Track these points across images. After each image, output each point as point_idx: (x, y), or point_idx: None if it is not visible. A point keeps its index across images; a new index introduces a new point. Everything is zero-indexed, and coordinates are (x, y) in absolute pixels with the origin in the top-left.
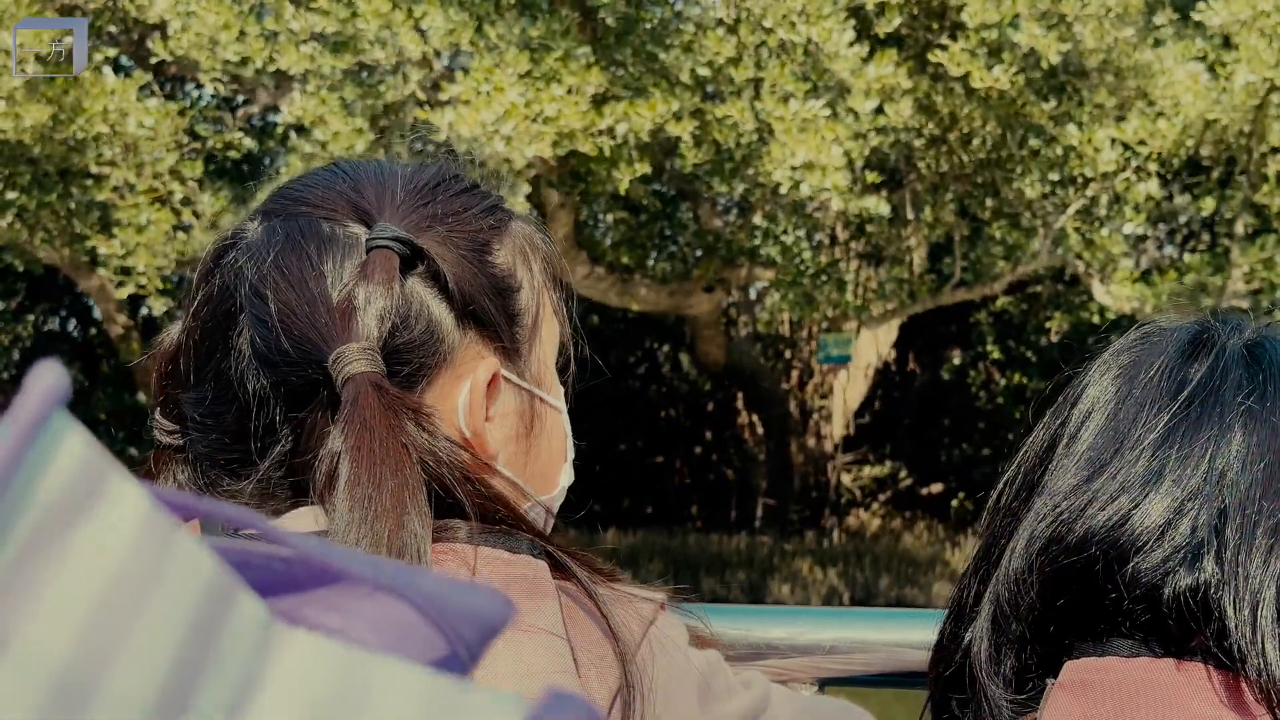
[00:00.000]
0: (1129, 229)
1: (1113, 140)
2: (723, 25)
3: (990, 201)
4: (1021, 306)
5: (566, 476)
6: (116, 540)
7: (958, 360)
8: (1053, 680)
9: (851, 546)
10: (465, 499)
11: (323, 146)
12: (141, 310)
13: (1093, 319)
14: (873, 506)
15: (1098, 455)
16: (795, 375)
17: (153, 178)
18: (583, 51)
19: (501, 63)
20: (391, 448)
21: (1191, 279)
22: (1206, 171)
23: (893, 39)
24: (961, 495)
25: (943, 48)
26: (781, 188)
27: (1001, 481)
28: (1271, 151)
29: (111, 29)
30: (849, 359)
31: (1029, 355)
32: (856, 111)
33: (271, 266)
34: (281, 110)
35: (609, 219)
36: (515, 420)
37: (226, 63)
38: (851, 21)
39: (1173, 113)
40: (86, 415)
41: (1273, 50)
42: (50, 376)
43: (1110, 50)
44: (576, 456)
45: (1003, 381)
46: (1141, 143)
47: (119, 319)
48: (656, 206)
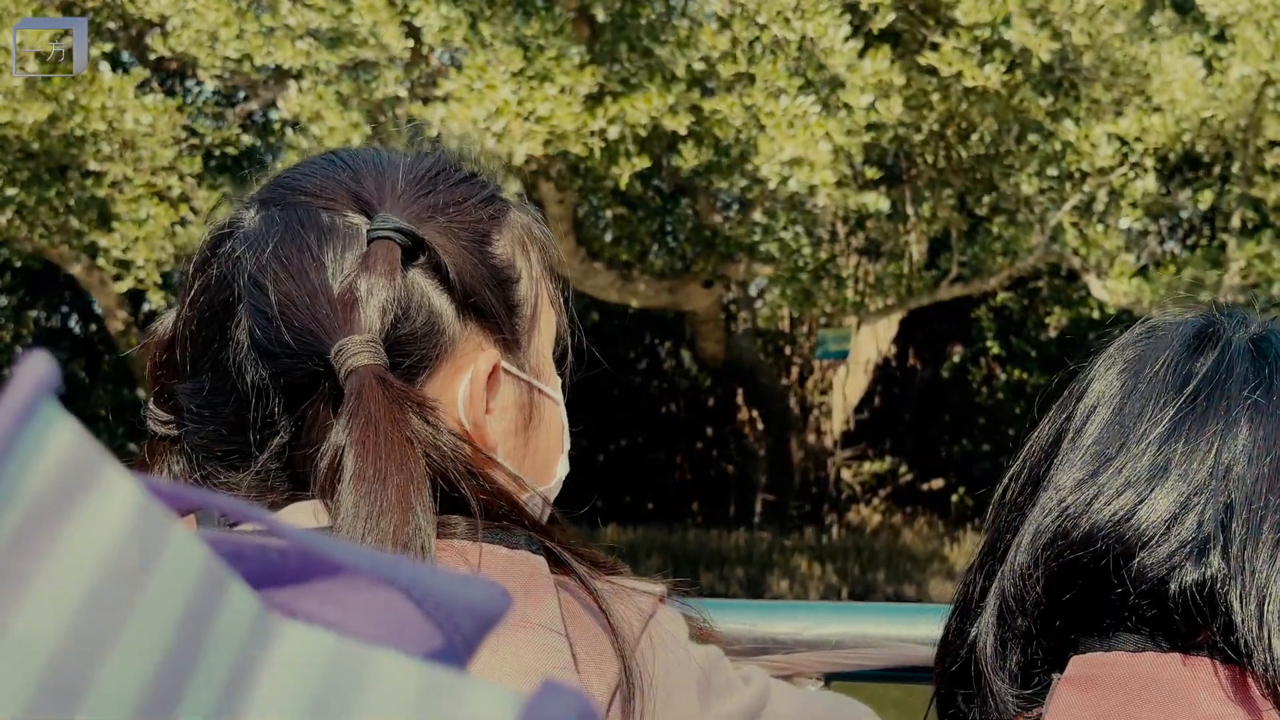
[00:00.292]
0: (1125, 224)
1: (1109, 135)
2: (717, 20)
3: (987, 197)
4: (1022, 302)
5: (563, 468)
6: (108, 531)
7: (958, 356)
8: (1058, 675)
9: (850, 542)
10: (469, 493)
11: (319, 142)
12: (142, 306)
13: (1092, 314)
14: (873, 502)
15: (1103, 450)
16: (795, 371)
17: (151, 174)
18: (576, 51)
19: (495, 60)
20: (396, 442)
21: (1188, 274)
22: (1204, 166)
23: (888, 35)
24: (961, 491)
25: (935, 47)
26: (770, 183)
27: (1007, 476)
28: (1268, 145)
29: (110, 25)
30: (847, 354)
31: (1029, 351)
32: (851, 107)
33: (271, 257)
34: (279, 106)
35: (608, 215)
36: (515, 412)
37: (226, 59)
38: (847, 17)
39: (1169, 108)
40: (87, 411)
41: (1269, 43)
42: (40, 366)
43: (1103, 47)
44: (576, 452)
45: (1003, 377)
46: (1138, 138)
47: (119, 314)
48: (657, 203)
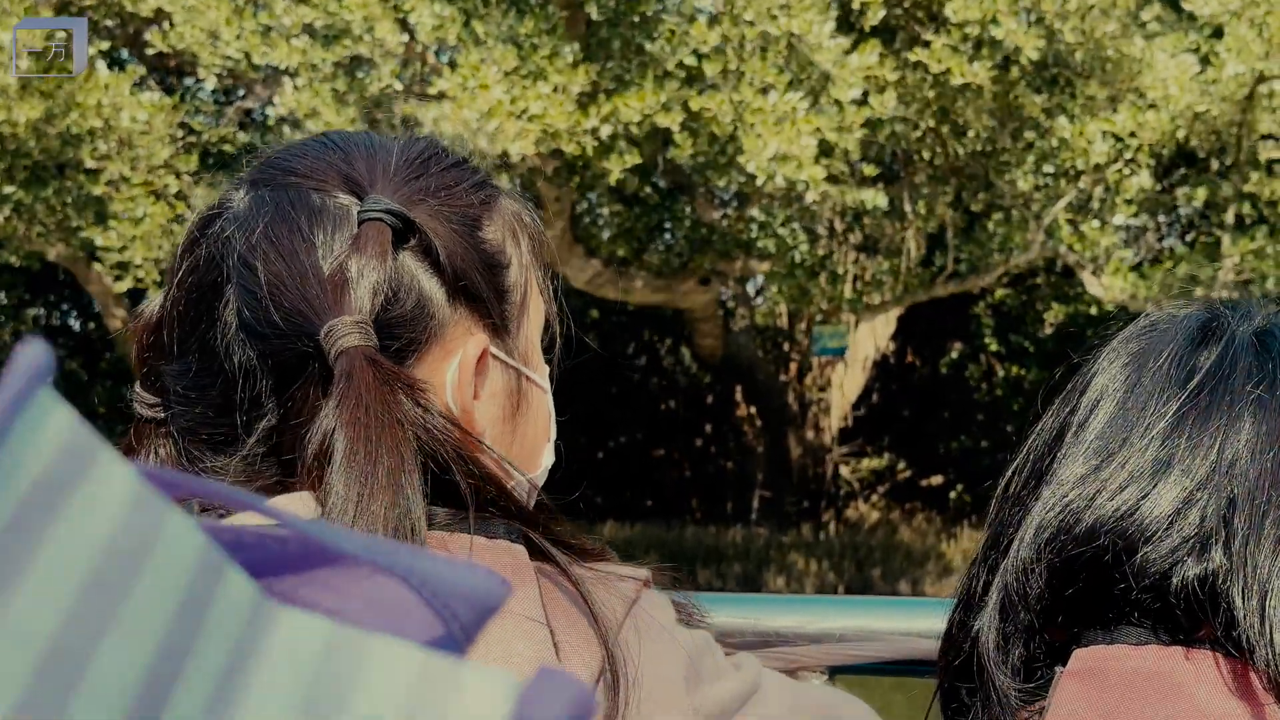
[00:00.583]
0: (1120, 220)
1: (1104, 132)
2: (706, 15)
3: (983, 194)
4: (1021, 298)
5: (549, 457)
6: (104, 517)
7: (956, 352)
8: (1061, 668)
9: (847, 539)
10: (458, 477)
11: None
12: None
13: (1090, 310)
14: (871, 499)
15: (1106, 444)
16: (793, 368)
17: (147, 171)
18: (569, 49)
19: (488, 59)
20: (387, 423)
21: (1182, 270)
22: (1199, 163)
23: (882, 31)
24: (960, 488)
25: (925, 44)
26: (758, 179)
27: (1010, 470)
28: (1262, 139)
29: (108, 23)
30: (844, 351)
31: (1027, 347)
32: (840, 103)
33: (261, 237)
34: (275, 104)
35: (605, 212)
36: (502, 399)
37: (226, 57)
38: (833, 12)
39: (1163, 104)
40: (86, 409)
41: (1261, 41)
42: (36, 354)
43: (1095, 44)
44: (575, 448)
45: (1001, 373)
46: (1132, 134)
47: (118, 313)
48: (655, 200)
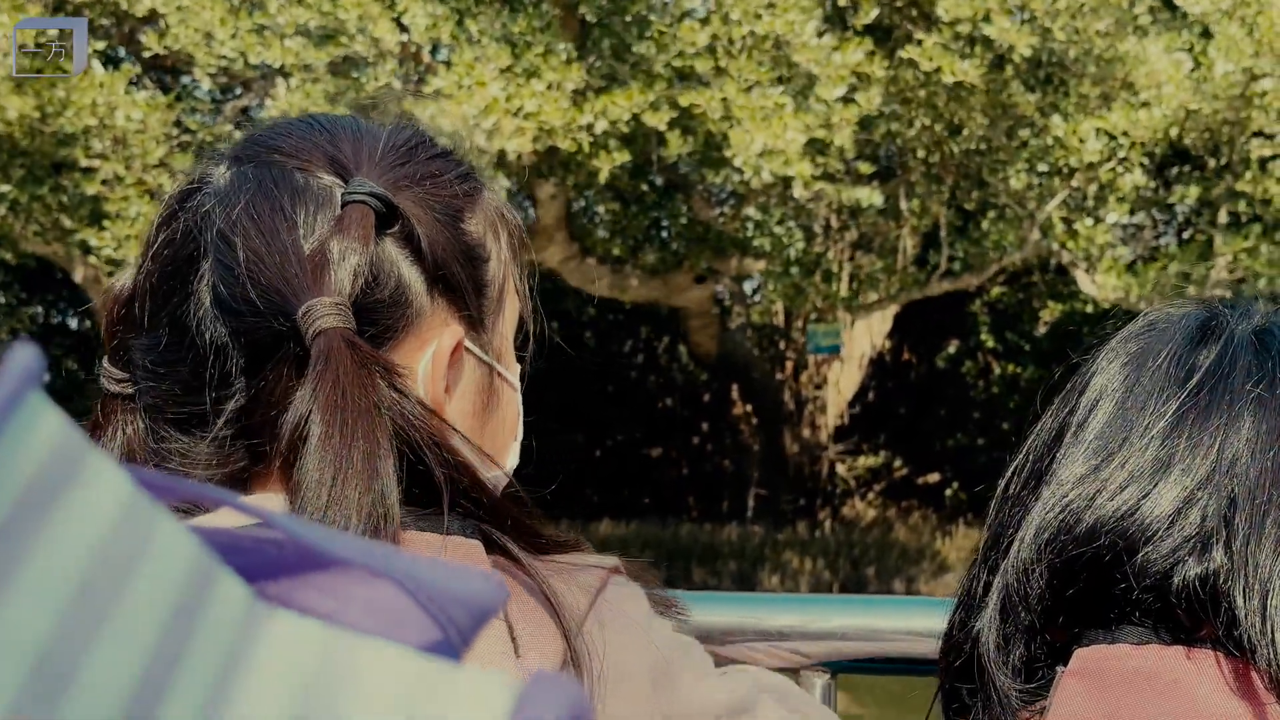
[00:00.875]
0: (1113, 218)
1: (1097, 130)
2: (693, 17)
3: (977, 193)
4: (1017, 296)
5: (514, 457)
6: (96, 521)
7: (953, 350)
8: (1062, 668)
9: (842, 537)
10: (434, 465)
11: None
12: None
13: (1086, 308)
14: (868, 497)
15: (1106, 444)
16: (789, 366)
17: (142, 170)
18: (563, 47)
19: (483, 57)
20: (364, 407)
21: (1175, 269)
22: (1193, 160)
23: (876, 29)
24: (956, 485)
25: (917, 42)
26: (745, 174)
27: (1009, 470)
28: (1254, 136)
29: (104, 22)
30: (839, 349)
31: (1023, 345)
32: (826, 101)
33: (241, 213)
34: (267, 105)
35: (601, 210)
36: (473, 393)
37: (222, 58)
38: (818, 12)
39: (1156, 102)
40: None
41: (1251, 40)
42: (26, 358)
43: (1087, 42)
44: (572, 446)
45: (998, 371)
46: (1125, 132)
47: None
48: (652, 198)
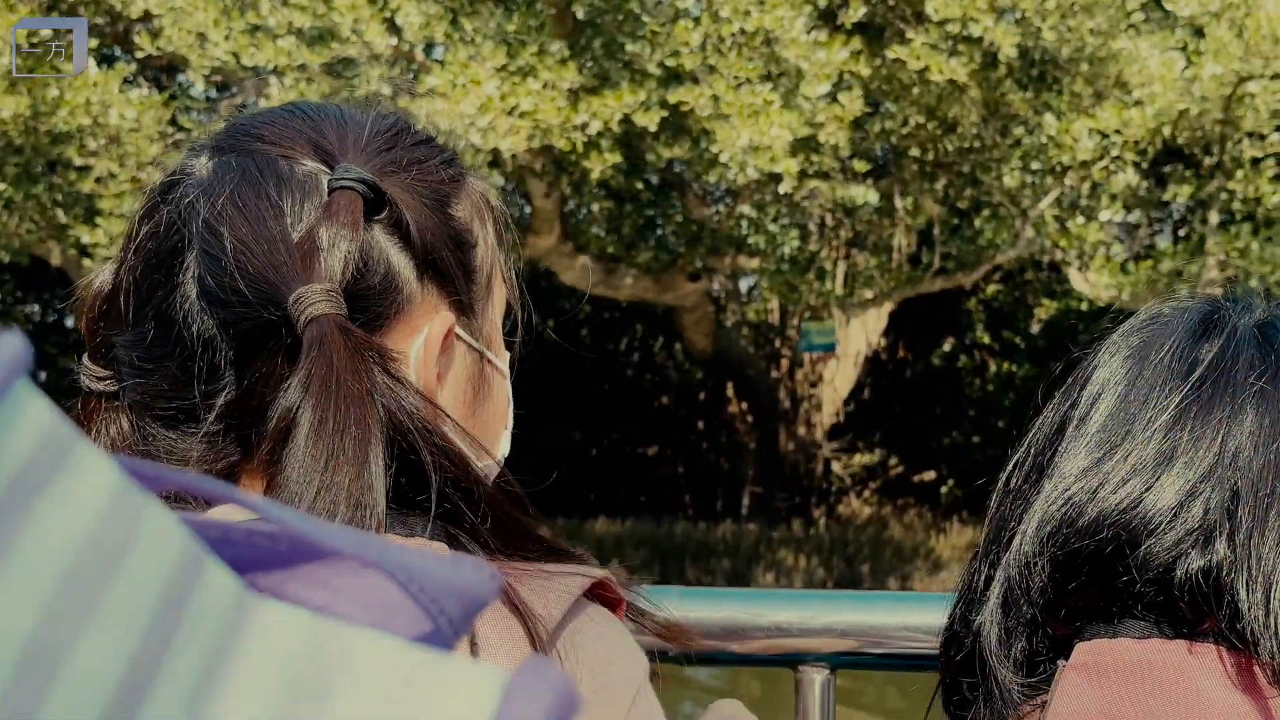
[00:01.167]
0: (1105, 216)
1: (1090, 129)
2: (688, 16)
3: (970, 191)
4: (1013, 294)
5: (505, 445)
6: (83, 510)
7: (948, 348)
8: (1064, 662)
9: (836, 534)
10: (425, 452)
11: None
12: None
13: (1080, 306)
14: (863, 494)
15: (1108, 437)
16: (785, 363)
17: (136, 169)
18: (558, 46)
19: (478, 56)
20: (357, 394)
21: (1166, 268)
22: (1186, 159)
23: (868, 28)
24: (951, 483)
25: (906, 41)
26: (731, 170)
27: (1010, 463)
28: (1247, 136)
29: (98, 21)
30: (833, 347)
31: (1019, 343)
32: (810, 98)
33: (226, 202)
34: (260, 104)
35: (595, 209)
36: (465, 380)
37: (215, 59)
38: (808, 8)
39: (1148, 101)
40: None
41: (1240, 43)
42: (11, 347)
43: (1077, 41)
44: (570, 445)
45: (993, 369)
46: (1117, 131)
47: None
48: (647, 196)
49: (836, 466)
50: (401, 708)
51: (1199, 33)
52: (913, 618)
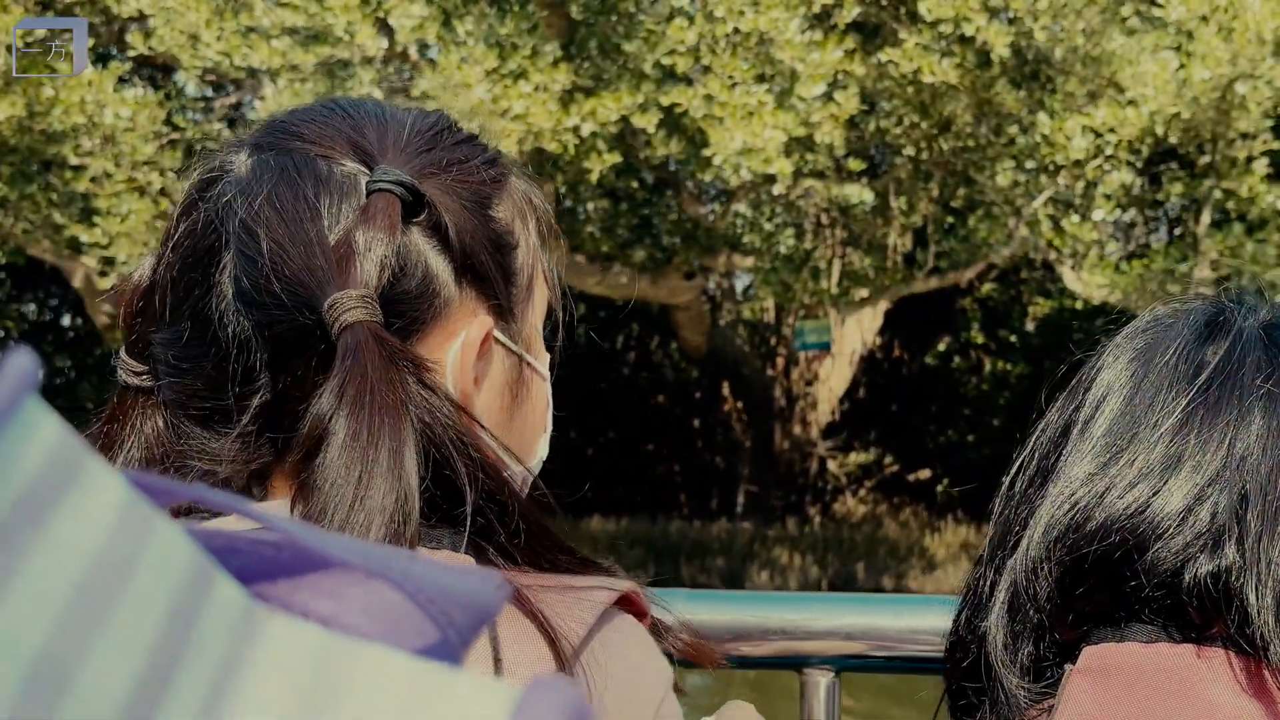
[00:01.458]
0: (1099, 216)
1: (1083, 128)
2: (683, 15)
3: (963, 190)
4: (1009, 293)
5: (544, 448)
6: (93, 526)
7: (943, 347)
8: (1070, 666)
9: (831, 533)
10: (459, 463)
11: None
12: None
13: (1075, 305)
14: (858, 493)
15: (1114, 441)
16: (780, 362)
17: (131, 168)
18: (550, 48)
19: (469, 58)
20: (391, 404)
21: (1158, 267)
22: (1180, 158)
23: (862, 28)
24: (945, 482)
25: (899, 42)
26: (725, 171)
27: (1014, 467)
28: (1242, 137)
29: (93, 20)
30: (828, 346)
31: (1013, 341)
32: (804, 99)
33: (264, 203)
34: (255, 106)
35: (590, 208)
36: (502, 384)
37: (207, 59)
38: (802, 10)
39: (1141, 100)
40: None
41: (1228, 46)
42: (22, 362)
43: (1069, 41)
44: (566, 444)
45: (988, 368)
46: (1111, 130)
47: (104, 309)
48: (642, 195)
49: (832, 465)
50: None
51: (1190, 34)
52: (919, 620)
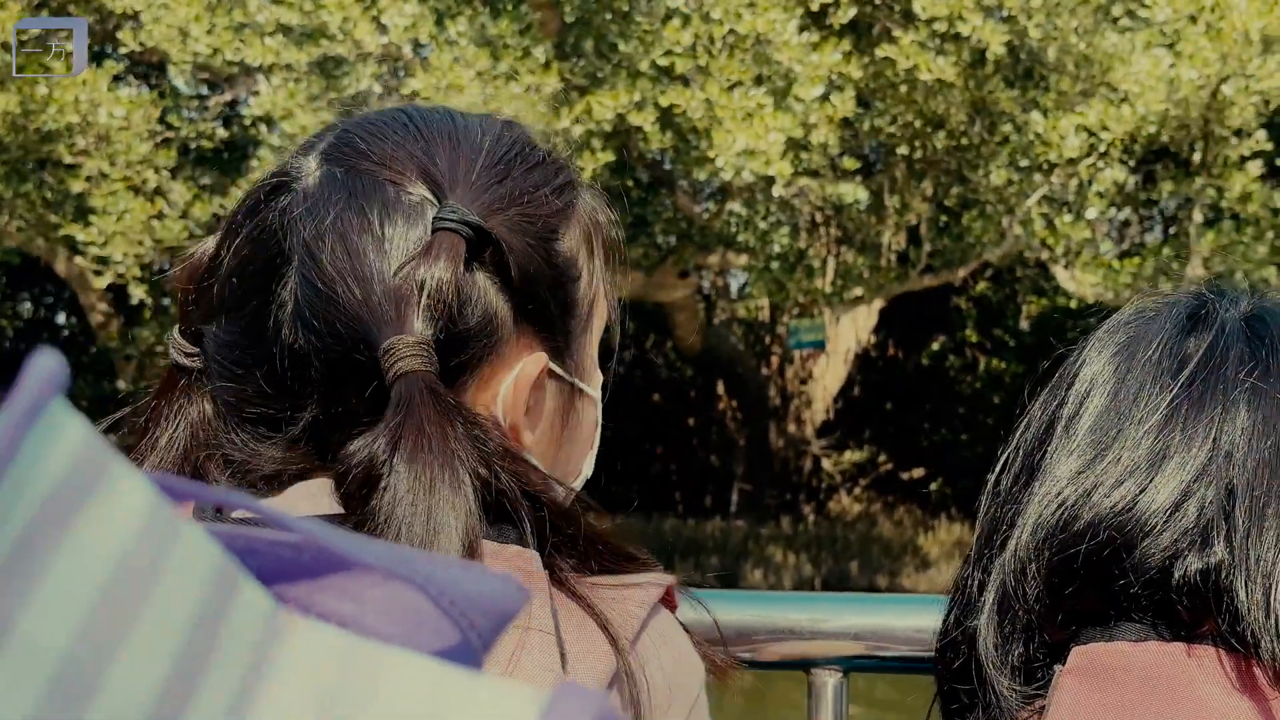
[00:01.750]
0: (1092, 214)
1: (1076, 126)
2: (679, 15)
3: (957, 188)
4: (1003, 291)
5: (590, 466)
6: (118, 530)
7: (938, 345)
8: (1060, 666)
9: (825, 531)
10: (512, 508)
11: (291, 139)
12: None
13: (1069, 304)
14: (853, 491)
15: (1099, 437)
16: (775, 361)
17: (126, 167)
18: (542, 49)
19: (461, 59)
20: (445, 457)
21: (1151, 265)
22: (1172, 157)
23: (853, 28)
24: (940, 480)
25: (894, 40)
26: (726, 173)
27: (999, 465)
28: (1234, 134)
29: (87, 19)
30: (823, 344)
31: (1008, 340)
32: (803, 100)
33: (329, 227)
34: (250, 102)
35: None
36: (554, 412)
37: (197, 54)
38: (799, 11)
39: (1134, 99)
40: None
41: (1215, 47)
42: (49, 364)
43: (1063, 40)
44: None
45: (982, 366)
46: (1104, 128)
47: (99, 307)
48: (636, 193)
49: (826, 463)
50: None
51: (1178, 34)
52: (925, 620)
